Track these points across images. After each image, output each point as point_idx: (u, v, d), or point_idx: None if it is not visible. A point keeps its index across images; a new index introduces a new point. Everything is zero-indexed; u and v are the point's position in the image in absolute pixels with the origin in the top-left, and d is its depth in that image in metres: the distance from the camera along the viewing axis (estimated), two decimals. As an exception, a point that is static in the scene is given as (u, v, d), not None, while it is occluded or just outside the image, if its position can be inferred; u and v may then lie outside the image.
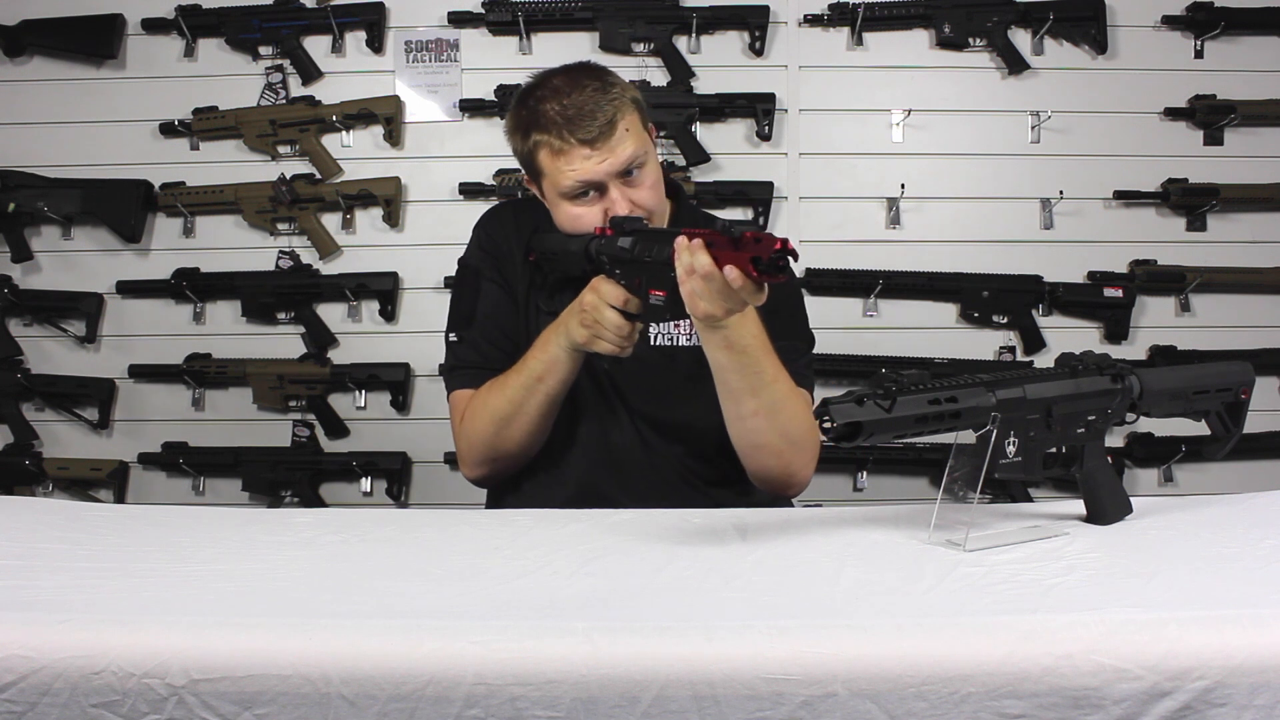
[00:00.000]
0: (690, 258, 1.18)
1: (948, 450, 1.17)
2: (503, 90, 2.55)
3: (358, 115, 2.61)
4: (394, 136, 2.61)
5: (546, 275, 1.53)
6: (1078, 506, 1.25)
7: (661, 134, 2.52)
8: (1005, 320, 2.59)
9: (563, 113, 1.42)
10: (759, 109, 2.56)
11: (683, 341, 1.55)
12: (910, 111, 2.58)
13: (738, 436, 1.43)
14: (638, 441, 1.54)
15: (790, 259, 1.12)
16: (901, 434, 1.07)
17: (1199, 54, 2.59)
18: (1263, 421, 2.56)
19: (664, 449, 1.54)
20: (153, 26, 2.61)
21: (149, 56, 2.64)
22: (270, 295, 2.61)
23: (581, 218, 1.45)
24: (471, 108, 2.58)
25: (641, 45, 2.57)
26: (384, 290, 2.61)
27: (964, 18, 2.56)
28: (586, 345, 1.39)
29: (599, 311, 1.36)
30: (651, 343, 1.54)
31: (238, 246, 2.64)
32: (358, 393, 2.65)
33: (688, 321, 1.52)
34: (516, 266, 1.58)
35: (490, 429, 1.50)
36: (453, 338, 1.59)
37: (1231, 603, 0.91)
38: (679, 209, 1.64)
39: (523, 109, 1.48)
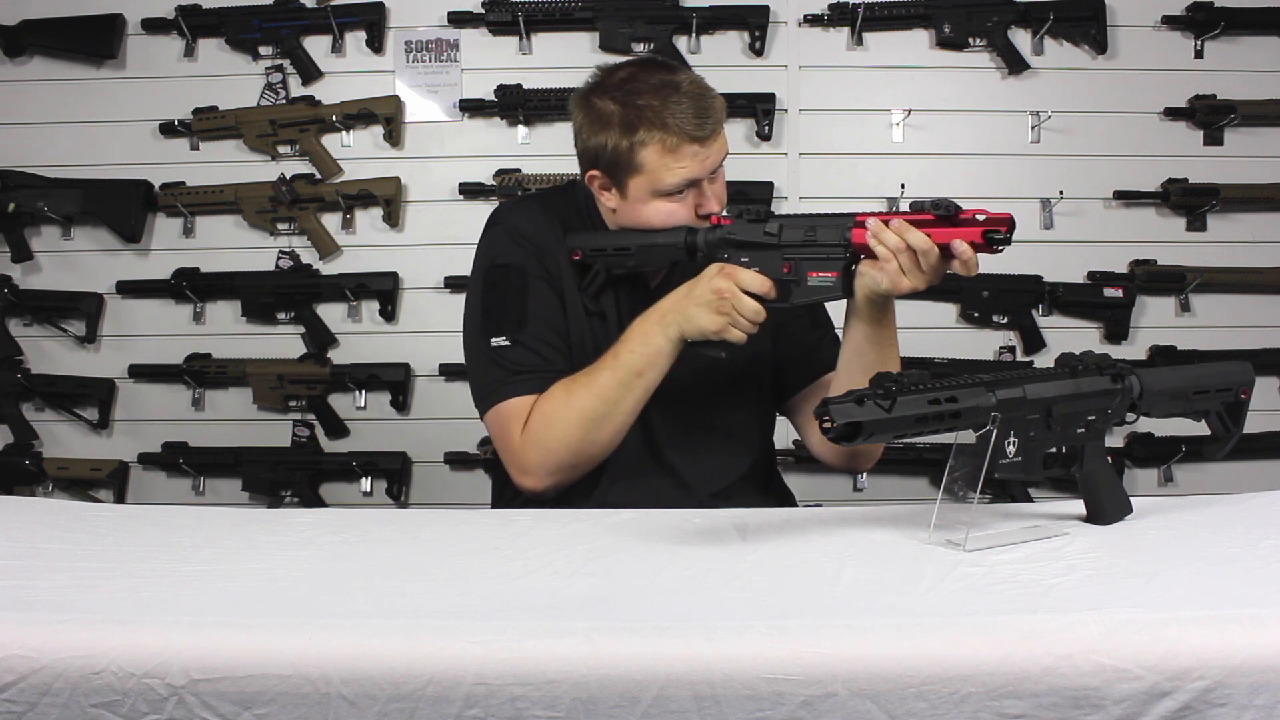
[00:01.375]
0: (905, 235, 1.27)
1: (948, 450, 1.17)
2: (503, 90, 2.55)
3: (358, 115, 2.61)
4: (394, 136, 2.61)
5: (595, 274, 1.51)
6: (1078, 506, 1.25)
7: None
8: (1005, 320, 2.59)
9: (684, 110, 1.41)
10: (759, 109, 2.56)
11: None
12: (910, 111, 2.58)
13: None
14: (676, 444, 1.52)
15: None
16: (901, 434, 1.07)
17: (1199, 54, 2.59)
18: (1263, 421, 2.56)
19: (702, 451, 1.53)
20: (153, 26, 2.61)
21: (149, 56, 2.64)
22: (270, 295, 2.61)
23: (676, 213, 1.45)
24: (471, 108, 2.58)
25: (641, 45, 2.57)
26: (384, 290, 2.61)
27: (964, 18, 2.56)
28: (719, 334, 1.36)
29: (737, 299, 1.34)
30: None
31: (238, 246, 2.64)
32: (358, 393, 2.65)
33: None
34: (560, 262, 1.50)
35: (579, 431, 1.41)
36: (502, 342, 1.47)
37: (1231, 603, 0.91)
38: None
39: (627, 108, 1.42)
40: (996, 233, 1.23)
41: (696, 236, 1.42)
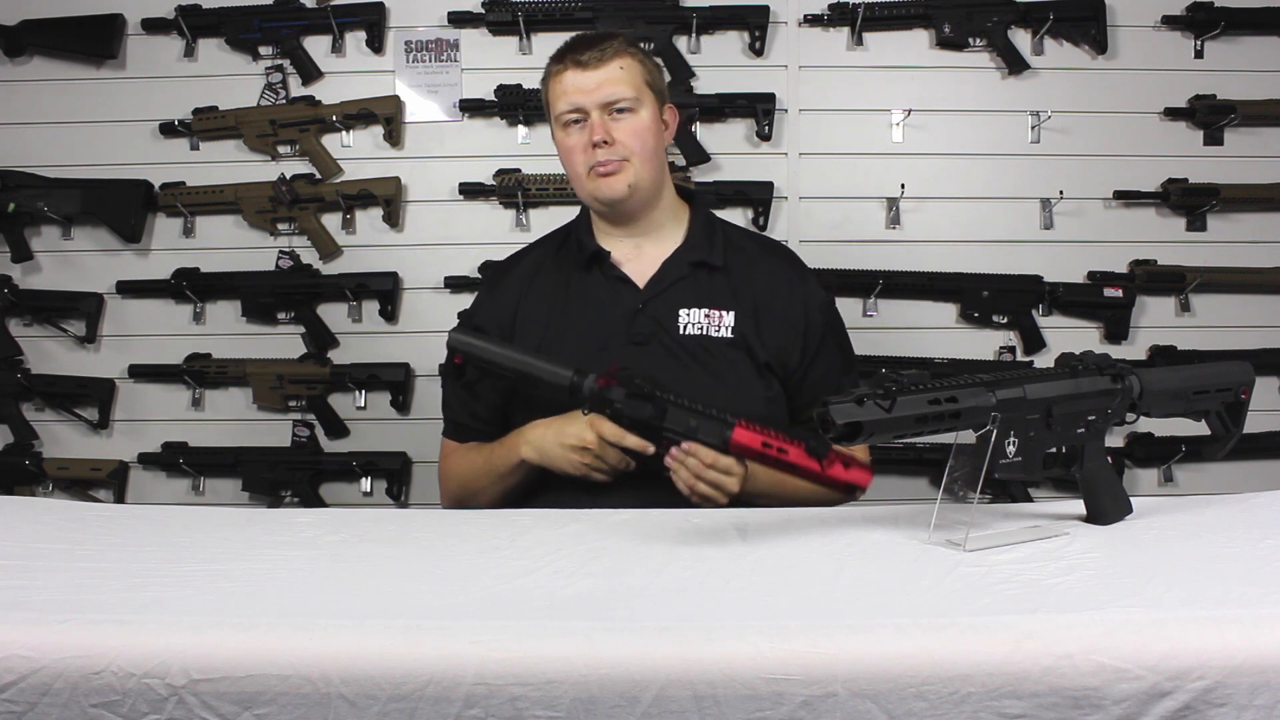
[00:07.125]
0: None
1: (948, 450, 1.17)
2: (503, 90, 2.55)
3: (358, 115, 2.61)
4: (394, 136, 2.61)
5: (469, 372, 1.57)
6: (1078, 506, 1.25)
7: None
8: (1005, 320, 2.59)
9: (571, 44, 1.59)
10: (759, 109, 2.56)
11: (713, 332, 1.58)
12: (910, 111, 2.58)
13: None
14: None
15: None
16: (901, 434, 1.07)
17: (1199, 54, 2.59)
18: (1263, 421, 2.56)
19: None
20: (153, 26, 2.61)
21: (149, 56, 2.63)
22: (270, 295, 2.61)
23: (574, 151, 1.57)
24: (471, 108, 2.58)
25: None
26: (384, 290, 2.61)
27: (964, 18, 2.56)
28: (579, 475, 1.45)
29: (604, 451, 1.42)
30: (681, 332, 1.58)
31: (238, 246, 2.64)
32: (358, 393, 2.64)
33: (720, 311, 1.58)
34: (514, 294, 1.67)
35: (458, 491, 1.64)
36: (447, 385, 1.74)
37: (1231, 603, 0.91)
38: (695, 215, 1.70)
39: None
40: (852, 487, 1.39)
41: (583, 383, 1.41)
